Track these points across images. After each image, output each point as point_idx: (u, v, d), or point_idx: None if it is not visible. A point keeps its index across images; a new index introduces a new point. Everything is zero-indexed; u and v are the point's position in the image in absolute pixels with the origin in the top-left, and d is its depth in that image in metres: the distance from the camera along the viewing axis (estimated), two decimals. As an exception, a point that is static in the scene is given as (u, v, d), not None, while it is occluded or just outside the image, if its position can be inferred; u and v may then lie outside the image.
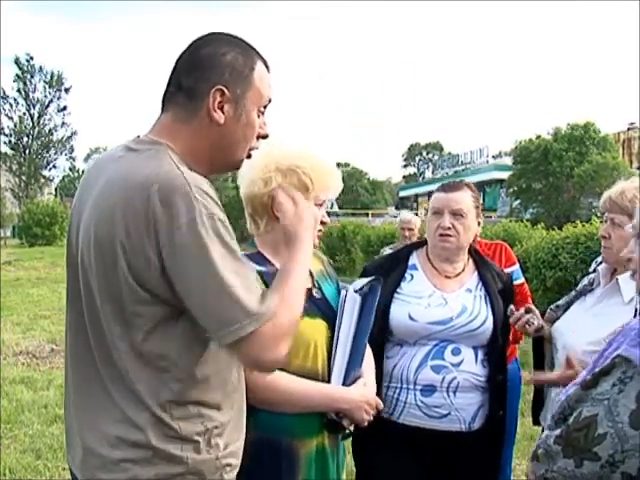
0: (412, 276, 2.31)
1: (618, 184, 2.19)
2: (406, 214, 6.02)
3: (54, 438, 4.52)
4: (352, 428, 1.84)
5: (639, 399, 1.18)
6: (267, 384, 1.68)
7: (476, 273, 2.34)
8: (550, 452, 1.29)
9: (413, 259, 2.36)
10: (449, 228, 2.24)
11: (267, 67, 1.47)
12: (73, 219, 1.43)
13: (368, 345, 1.98)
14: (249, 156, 1.48)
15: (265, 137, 1.50)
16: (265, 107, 1.46)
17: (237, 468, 1.45)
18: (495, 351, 2.25)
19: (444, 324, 2.17)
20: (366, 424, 1.82)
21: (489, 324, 2.22)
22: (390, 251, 6.00)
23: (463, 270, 2.33)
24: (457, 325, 2.18)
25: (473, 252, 2.39)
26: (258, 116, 1.44)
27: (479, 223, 2.36)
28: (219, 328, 1.24)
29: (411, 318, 2.18)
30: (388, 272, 2.27)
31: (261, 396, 1.69)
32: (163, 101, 1.43)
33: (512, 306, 2.35)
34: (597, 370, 1.27)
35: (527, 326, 2.31)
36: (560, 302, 2.39)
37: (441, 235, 2.26)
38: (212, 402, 1.37)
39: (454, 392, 2.15)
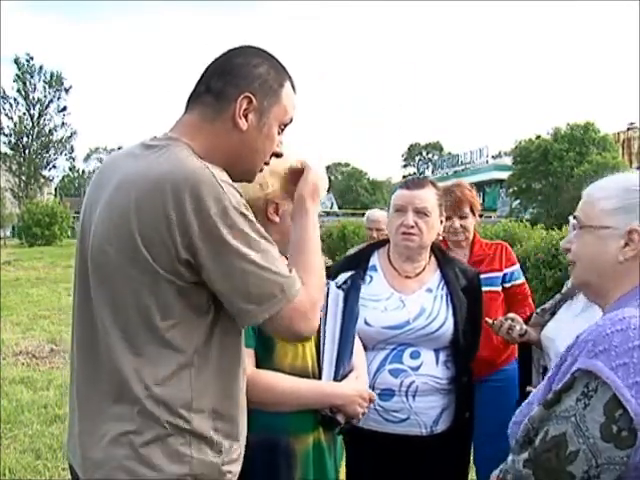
0: (371, 278, 2.26)
1: None
2: (374, 212, 5.16)
3: (54, 438, 4.52)
4: (343, 422, 1.83)
5: (607, 411, 1.15)
6: (260, 385, 1.69)
7: (438, 272, 2.28)
8: (520, 477, 1.23)
9: (374, 259, 2.31)
10: (412, 227, 2.18)
11: (294, 87, 1.50)
12: (85, 217, 1.43)
13: (358, 339, 1.98)
14: (261, 170, 1.50)
15: (279, 156, 1.51)
16: (286, 125, 1.49)
17: (237, 475, 1.43)
18: (458, 352, 2.19)
19: (400, 328, 2.14)
20: (360, 417, 1.83)
21: (449, 325, 2.16)
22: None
23: (424, 269, 2.27)
24: (414, 328, 2.14)
25: (436, 250, 2.33)
26: (278, 133, 1.46)
27: (442, 222, 2.30)
28: (257, 305, 1.27)
29: (366, 323, 2.14)
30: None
31: (255, 397, 1.69)
32: (189, 101, 1.44)
33: (487, 319, 2.35)
34: (558, 387, 1.23)
35: (509, 332, 2.30)
36: (546, 305, 2.34)
37: (404, 233, 2.20)
38: (223, 401, 1.36)
39: (413, 396, 2.12)
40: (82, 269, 1.41)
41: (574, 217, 1.41)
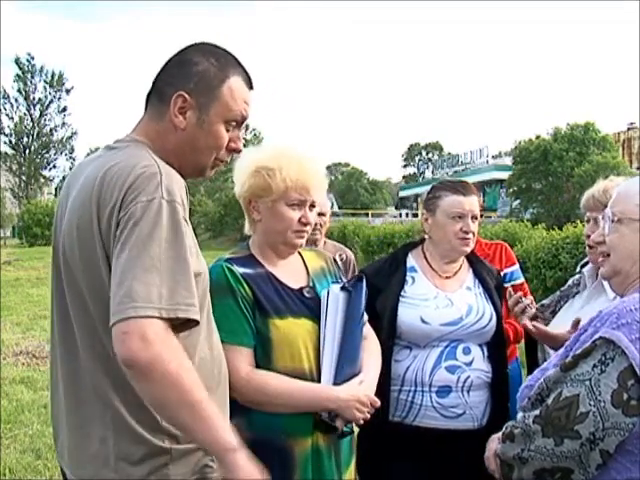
0: (413, 279, 2.32)
1: (599, 183, 2.22)
2: None
3: (54, 438, 4.51)
4: (342, 427, 1.80)
5: (620, 379, 1.23)
6: (252, 384, 1.69)
7: (471, 271, 2.39)
8: (528, 432, 1.32)
9: (411, 261, 2.38)
10: (471, 232, 2.30)
11: (249, 85, 1.50)
12: (57, 221, 1.46)
13: (378, 344, 1.99)
14: (215, 166, 1.51)
15: (237, 151, 1.53)
16: (237, 122, 1.48)
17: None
18: (498, 346, 2.29)
19: (455, 324, 2.21)
20: (362, 422, 1.81)
21: (494, 321, 2.27)
22: None
23: (460, 269, 2.37)
24: (467, 325, 2.22)
25: None
26: (228, 130, 1.47)
27: None
28: (116, 303, 1.19)
29: (423, 321, 2.19)
30: (388, 276, 2.29)
31: (246, 396, 1.70)
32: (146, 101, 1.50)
33: (510, 288, 2.36)
34: (577, 352, 1.31)
35: (525, 311, 2.23)
36: (545, 301, 2.39)
37: (463, 239, 2.29)
38: None
39: (468, 391, 2.18)
40: (56, 272, 1.43)
41: (610, 213, 1.48)
